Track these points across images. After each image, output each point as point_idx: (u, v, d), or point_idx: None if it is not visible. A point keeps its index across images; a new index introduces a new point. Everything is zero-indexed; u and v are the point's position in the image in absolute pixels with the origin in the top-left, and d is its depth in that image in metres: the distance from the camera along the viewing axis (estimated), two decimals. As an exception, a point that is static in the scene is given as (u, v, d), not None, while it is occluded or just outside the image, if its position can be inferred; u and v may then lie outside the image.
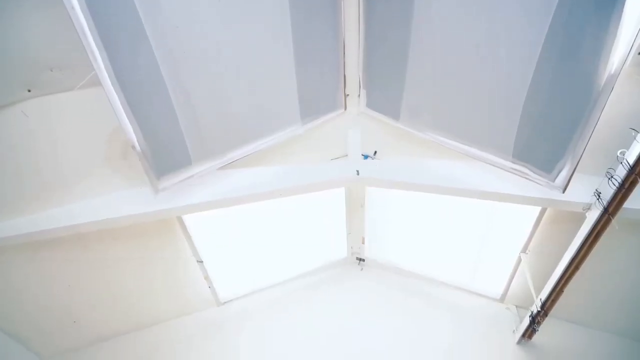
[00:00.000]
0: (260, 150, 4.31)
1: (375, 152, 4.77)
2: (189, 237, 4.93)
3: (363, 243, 6.08)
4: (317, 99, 4.36)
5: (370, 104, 4.49)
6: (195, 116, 3.73)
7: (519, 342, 5.06)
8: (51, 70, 3.33)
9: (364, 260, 6.28)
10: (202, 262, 5.24)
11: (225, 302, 5.93)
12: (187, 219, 4.77)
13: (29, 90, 3.38)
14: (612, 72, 2.87)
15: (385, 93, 4.30)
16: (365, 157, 4.74)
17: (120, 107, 3.27)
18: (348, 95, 4.47)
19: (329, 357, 5.13)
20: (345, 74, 4.34)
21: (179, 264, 5.20)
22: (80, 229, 4.04)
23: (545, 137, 3.51)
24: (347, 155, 4.75)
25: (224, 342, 5.47)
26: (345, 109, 4.55)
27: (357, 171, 4.52)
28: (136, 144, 3.49)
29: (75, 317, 5.07)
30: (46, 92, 3.44)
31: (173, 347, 5.44)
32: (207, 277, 5.45)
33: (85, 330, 5.26)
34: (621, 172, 3.32)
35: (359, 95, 4.48)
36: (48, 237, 4.06)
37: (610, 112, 3.11)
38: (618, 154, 3.29)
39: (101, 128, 3.77)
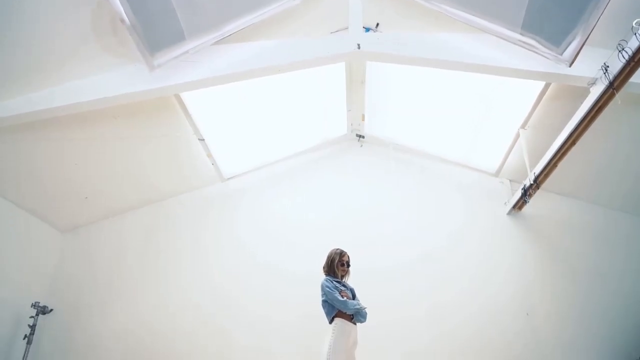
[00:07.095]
0: (256, 23, 4.08)
1: (378, 25, 4.52)
2: (188, 116, 4.93)
3: (363, 120, 6.10)
4: (316, -37, 4.02)
5: (373, -31, 4.15)
6: (184, -15, 3.48)
7: (509, 213, 5.36)
8: None
9: (363, 137, 6.36)
10: (203, 140, 5.31)
11: (229, 178, 6.14)
12: (186, 97, 4.71)
13: (1, -44, 3.10)
14: None
15: (390, -44, 3.95)
16: (367, 29, 4.50)
17: (103, -26, 3.03)
18: (349, -41, 4.11)
19: (329, 224, 5.51)
20: None
21: (181, 142, 5.28)
22: (77, 108, 4.02)
23: (558, 6, 3.30)
24: (347, 28, 4.50)
25: (229, 214, 5.84)
26: (346, -25, 4.21)
27: (358, 45, 4.34)
28: (125, 17, 3.31)
29: (85, 193, 5.31)
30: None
31: (181, 219, 5.82)
32: (209, 155, 5.57)
33: (97, 206, 5.56)
34: (633, 44, 3.20)
35: (361, -41, 4.12)
36: (47, 117, 4.07)
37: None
38: (633, 24, 3.15)
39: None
